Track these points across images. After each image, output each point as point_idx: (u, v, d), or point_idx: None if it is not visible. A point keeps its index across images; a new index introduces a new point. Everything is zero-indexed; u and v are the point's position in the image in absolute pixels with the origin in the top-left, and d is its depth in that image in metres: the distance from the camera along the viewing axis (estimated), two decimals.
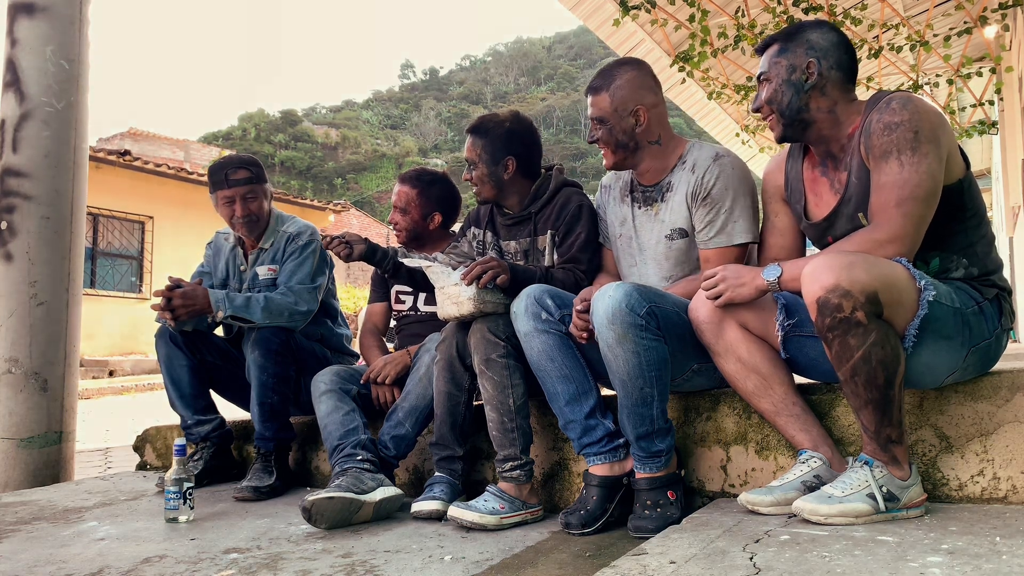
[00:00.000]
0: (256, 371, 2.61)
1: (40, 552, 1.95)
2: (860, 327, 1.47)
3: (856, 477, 1.54)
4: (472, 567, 1.64)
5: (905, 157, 1.61)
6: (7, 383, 3.02)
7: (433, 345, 2.35)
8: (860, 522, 1.50)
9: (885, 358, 1.49)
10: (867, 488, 1.52)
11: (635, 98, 2.07)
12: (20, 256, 3.06)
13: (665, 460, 1.86)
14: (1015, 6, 6.48)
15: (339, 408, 2.37)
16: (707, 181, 2.04)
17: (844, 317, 1.47)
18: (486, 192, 2.37)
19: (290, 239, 2.87)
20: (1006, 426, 1.66)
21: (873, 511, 1.51)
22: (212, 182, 2.83)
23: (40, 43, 3.15)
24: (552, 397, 1.99)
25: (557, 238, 2.31)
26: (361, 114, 76.30)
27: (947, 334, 1.60)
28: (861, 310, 1.46)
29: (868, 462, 1.55)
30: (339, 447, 2.28)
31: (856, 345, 1.48)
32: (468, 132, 2.39)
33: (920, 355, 1.59)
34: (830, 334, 1.50)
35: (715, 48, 7.21)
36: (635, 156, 2.13)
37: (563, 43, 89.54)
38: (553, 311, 1.99)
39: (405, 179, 2.83)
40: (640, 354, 1.78)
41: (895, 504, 1.53)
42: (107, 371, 11.63)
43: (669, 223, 2.12)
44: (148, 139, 21.82)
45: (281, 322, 2.69)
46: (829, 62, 1.77)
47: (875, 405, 1.52)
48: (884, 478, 1.53)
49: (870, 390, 1.51)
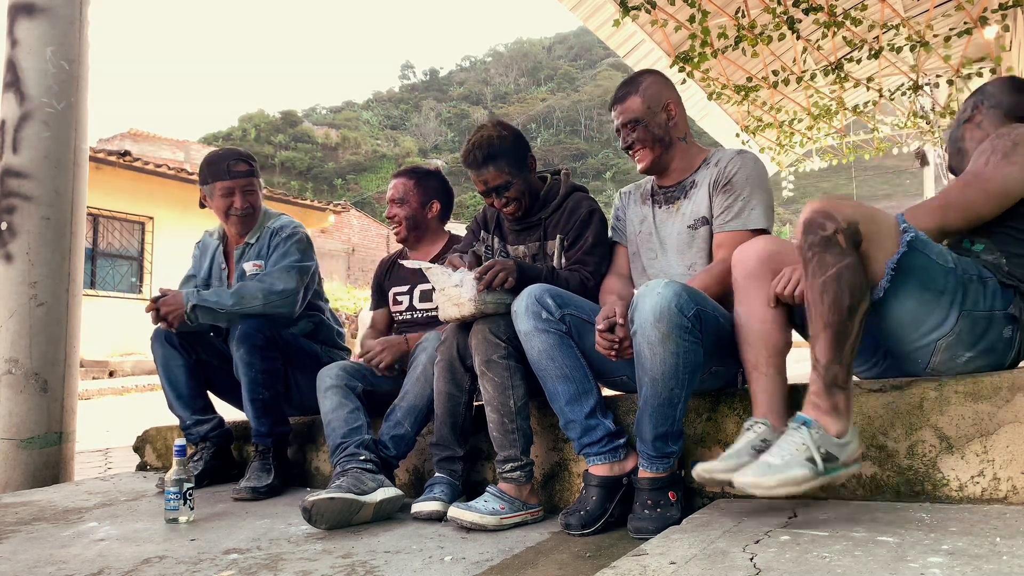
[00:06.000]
0: (244, 368, 2.60)
1: (40, 552, 1.95)
2: (838, 248, 1.56)
3: (793, 441, 1.55)
4: (472, 567, 1.64)
5: (995, 158, 1.80)
6: (7, 384, 3.02)
7: (431, 344, 2.35)
8: (802, 488, 1.51)
9: (854, 283, 1.56)
10: (805, 451, 1.53)
11: (664, 95, 2.19)
12: (20, 256, 3.06)
13: (672, 461, 1.87)
14: (1015, 6, 6.48)
15: (344, 405, 2.36)
16: (729, 170, 2.12)
17: (825, 236, 1.56)
18: (526, 203, 2.36)
19: (274, 233, 2.88)
20: (1006, 426, 1.66)
21: (813, 475, 1.51)
22: (211, 172, 2.83)
23: (40, 44, 3.15)
24: (552, 397, 1.99)
25: (566, 243, 2.31)
26: (361, 115, 76.28)
27: (935, 288, 1.66)
28: (842, 234, 1.56)
29: (806, 422, 1.56)
30: (342, 445, 2.28)
31: (831, 263, 1.56)
32: (483, 165, 2.29)
33: (903, 301, 1.65)
34: (810, 251, 1.58)
35: (715, 49, 7.21)
36: (669, 153, 2.20)
37: (563, 43, 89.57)
38: (554, 310, 1.99)
39: (400, 174, 2.86)
40: (680, 355, 1.76)
41: (834, 464, 1.53)
42: (107, 372, 11.63)
43: (691, 214, 2.17)
44: (148, 140, 21.82)
45: (257, 306, 2.66)
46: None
47: (833, 331, 1.56)
48: (821, 438, 1.54)
49: (833, 311, 1.56)
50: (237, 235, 2.92)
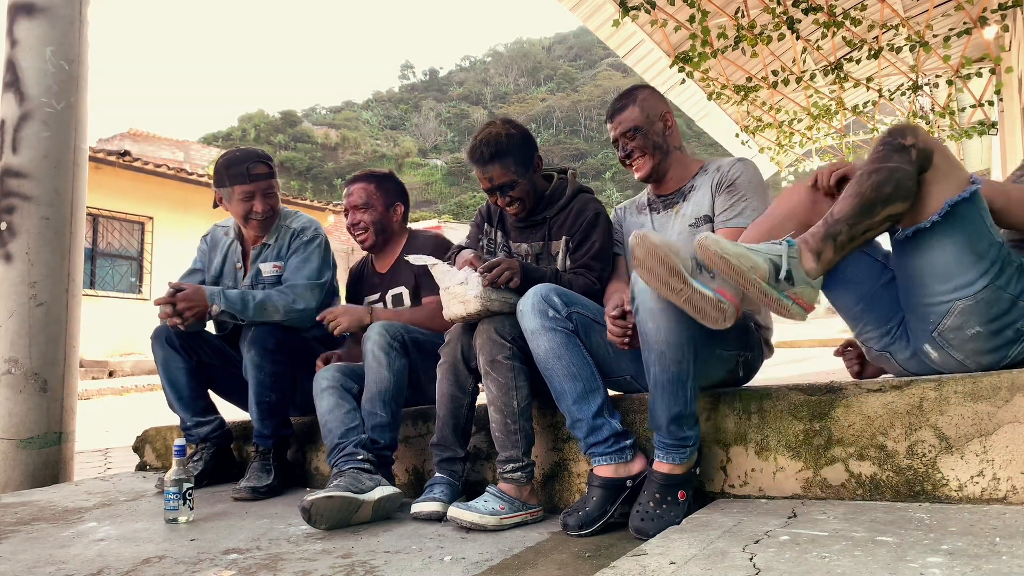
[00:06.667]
0: (253, 370, 2.60)
1: (40, 553, 1.95)
2: (908, 155, 1.63)
3: (771, 246, 1.62)
4: (472, 568, 1.64)
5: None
6: (7, 383, 3.02)
7: (375, 330, 2.36)
8: (753, 277, 1.56)
9: (902, 184, 1.62)
10: (775, 254, 1.59)
11: (659, 106, 2.26)
12: (20, 256, 3.06)
13: (690, 452, 1.84)
14: (1015, 7, 6.48)
15: (340, 406, 2.36)
16: (732, 173, 2.16)
17: (902, 143, 1.64)
18: (530, 203, 2.36)
19: (295, 234, 2.84)
20: (1006, 426, 1.66)
21: (767, 273, 1.57)
22: (229, 175, 2.75)
23: (40, 44, 3.15)
24: (559, 396, 1.98)
25: (571, 244, 2.31)
26: (361, 115, 76.32)
27: (976, 248, 1.67)
28: (915, 149, 1.64)
29: (790, 242, 1.62)
30: (339, 445, 2.28)
31: (895, 160, 1.63)
32: (489, 162, 2.29)
33: (944, 245, 1.67)
34: (881, 147, 1.65)
35: (715, 49, 7.21)
36: (667, 160, 2.25)
37: (563, 43, 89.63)
38: (560, 309, 1.99)
39: (357, 179, 2.78)
40: (683, 323, 1.74)
41: (788, 285, 1.58)
42: (107, 372, 11.63)
43: (692, 214, 2.20)
44: (148, 140, 21.81)
45: (277, 319, 2.66)
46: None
47: (861, 200, 1.62)
48: (793, 260, 1.59)
49: (872, 189, 1.62)
50: (254, 236, 2.87)
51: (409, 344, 2.41)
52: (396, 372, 2.35)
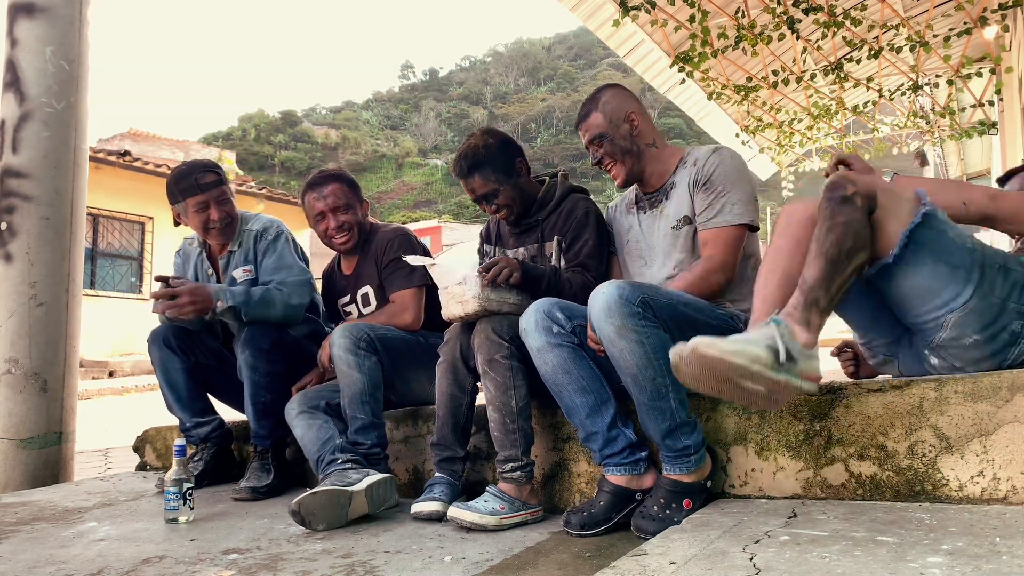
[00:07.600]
0: (248, 371, 2.60)
1: (40, 553, 1.95)
2: (853, 205, 1.66)
3: (763, 331, 1.58)
4: (472, 568, 1.64)
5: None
6: (7, 383, 3.02)
7: (338, 336, 2.34)
8: (753, 368, 1.51)
9: (859, 235, 1.64)
10: (770, 340, 1.55)
11: (623, 107, 2.22)
12: (20, 256, 3.06)
13: (695, 460, 1.83)
14: (1015, 7, 6.48)
15: (311, 425, 2.38)
16: (707, 169, 2.13)
17: (844, 195, 1.66)
18: (517, 208, 2.37)
19: (258, 236, 2.83)
20: (1006, 426, 1.66)
21: (770, 361, 1.52)
22: (180, 189, 2.73)
23: (40, 44, 3.15)
24: (571, 411, 1.96)
25: (564, 244, 2.31)
26: (361, 115, 76.33)
27: (950, 261, 1.68)
28: (858, 196, 1.67)
29: (776, 321, 1.58)
30: (320, 459, 2.29)
31: (844, 212, 1.65)
32: (468, 175, 2.32)
33: (918, 268, 1.68)
34: (827, 205, 1.67)
35: (715, 49, 7.21)
36: (640, 162, 2.22)
37: (563, 43, 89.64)
38: (564, 323, 1.97)
39: (328, 179, 2.66)
40: (644, 343, 1.77)
41: (792, 364, 1.55)
42: (107, 372, 11.63)
43: (674, 215, 2.18)
44: (148, 140, 21.80)
45: (275, 315, 2.66)
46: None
47: (828, 260, 1.62)
48: (788, 337, 1.56)
49: (834, 246, 1.63)
50: (219, 245, 2.87)
51: (376, 342, 2.38)
52: (367, 371, 2.33)
